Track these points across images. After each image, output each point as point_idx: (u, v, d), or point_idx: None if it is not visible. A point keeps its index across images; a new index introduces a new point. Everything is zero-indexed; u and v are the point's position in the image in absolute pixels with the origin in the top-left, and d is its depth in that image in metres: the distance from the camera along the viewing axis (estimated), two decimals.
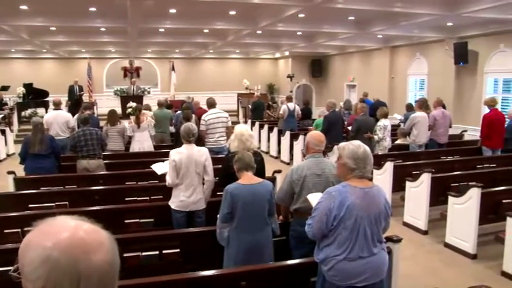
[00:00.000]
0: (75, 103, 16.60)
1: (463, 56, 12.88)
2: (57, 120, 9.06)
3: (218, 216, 3.96)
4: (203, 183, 5.03)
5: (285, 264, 3.67)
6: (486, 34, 12.35)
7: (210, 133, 8.08)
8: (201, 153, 4.98)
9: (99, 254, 1.00)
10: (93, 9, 10.45)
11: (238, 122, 17.55)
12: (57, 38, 14.55)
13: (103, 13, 11.07)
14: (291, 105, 12.31)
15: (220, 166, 5.19)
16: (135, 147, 8.93)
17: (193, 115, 9.38)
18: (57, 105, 9.45)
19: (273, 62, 24.60)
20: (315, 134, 4.23)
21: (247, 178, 3.90)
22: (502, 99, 11.86)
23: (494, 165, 8.24)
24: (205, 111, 8.53)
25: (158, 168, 5.55)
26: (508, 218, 5.21)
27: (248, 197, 3.79)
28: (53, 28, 13.06)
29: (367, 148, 3.25)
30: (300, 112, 12.69)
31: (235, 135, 4.79)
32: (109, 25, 11.97)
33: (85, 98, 19.19)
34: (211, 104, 8.43)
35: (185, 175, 4.86)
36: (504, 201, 6.05)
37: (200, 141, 8.10)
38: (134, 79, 20.59)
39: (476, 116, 11.90)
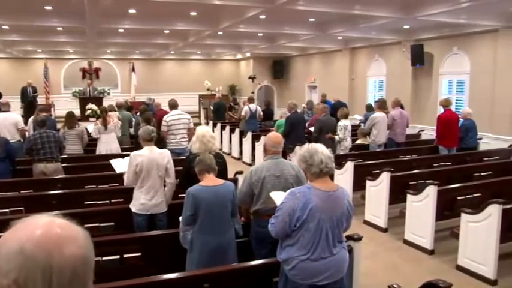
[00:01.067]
0: (28, 105, 16.07)
1: (419, 58, 13.27)
2: (6, 123, 8.45)
3: (180, 218, 3.93)
4: (164, 186, 4.99)
5: (248, 265, 3.68)
6: (440, 37, 12.78)
7: (171, 134, 8.02)
8: (163, 156, 4.94)
9: (72, 247, 1.00)
10: (49, 7, 10.15)
11: (200, 124, 17.46)
12: (11, 37, 14.04)
13: (59, 12, 10.77)
14: (253, 106, 12.34)
15: (181, 168, 5.15)
16: (101, 150, 8.72)
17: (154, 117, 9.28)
18: (5, 107, 8.78)
19: (235, 63, 24.60)
20: (272, 136, 4.26)
21: (209, 180, 3.89)
22: (456, 100, 12.28)
23: (450, 163, 8.52)
24: (167, 113, 8.45)
25: (117, 164, 5.45)
26: (463, 214, 5.42)
27: (211, 198, 3.77)
28: (6, 27, 12.60)
29: (313, 145, 3.28)
30: (261, 113, 12.74)
31: (196, 137, 4.77)
32: (66, 25, 11.65)
33: (42, 100, 18.64)
34: (173, 105, 8.36)
35: (146, 178, 4.81)
36: (459, 198, 6.26)
37: (161, 142, 8.04)
38: (90, 80, 20.14)
39: (432, 116, 12.25)
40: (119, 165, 5.41)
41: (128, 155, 5.12)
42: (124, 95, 19.90)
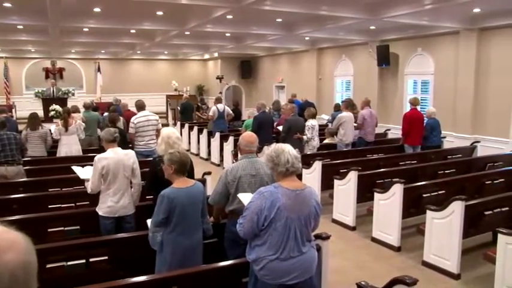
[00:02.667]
0: None
1: (385, 58, 13.53)
2: None
3: (150, 220, 3.88)
4: (131, 187, 4.93)
5: (217, 266, 3.67)
6: (405, 38, 13.06)
7: (139, 136, 7.91)
8: (129, 157, 4.89)
9: (11, 253, 0.98)
10: (8, 4, 9.80)
11: (168, 124, 17.33)
12: None
13: (20, 9, 10.45)
14: (221, 106, 12.32)
15: (148, 170, 5.09)
16: (61, 152, 8.52)
17: (121, 118, 9.14)
18: None
19: (202, 63, 24.51)
20: (246, 135, 4.27)
21: (183, 181, 3.86)
22: (421, 100, 12.50)
23: (415, 161, 8.72)
24: (134, 114, 8.34)
25: (80, 171, 5.34)
26: (428, 211, 5.55)
27: (185, 200, 3.75)
28: None
29: (279, 145, 3.31)
30: (230, 112, 12.74)
31: (161, 139, 4.74)
32: (27, 23, 11.31)
33: (2, 101, 18.09)
34: (140, 106, 8.24)
35: (113, 180, 4.74)
36: (424, 195, 6.41)
37: (129, 144, 7.93)
38: (53, 81, 19.68)
39: (398, 115, 12.47)
40: (82, 172, 5.29)
41: (95, 156, 5.01)
42: (89, 96, 19.58)
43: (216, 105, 12.29)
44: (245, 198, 3.57)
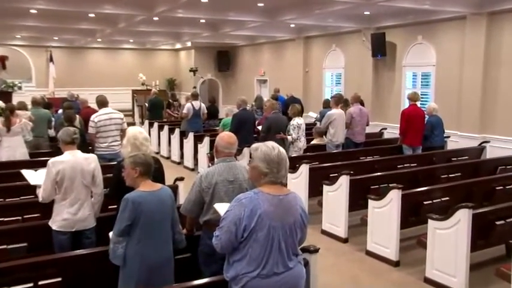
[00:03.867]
0: None
1: (380, 48, 13.63)
2: None
3: (111, 234, 3.82)
4: (91, 196, 4.85)
5: (191, 285, 3.62)
6: (404, 25, 13.17)
7: (101, 137, 7.81)
8: (89, 161, 4.81)
9: None
10: None
11: (134, 123, 17.19)
12: None
13: None
14: (197, 103, 12.27)
15: (111, 175, 5.02)
16: (2, 156, 8.32)
17: (78, 116, 9.01)
18: None
19: (174, 53, 24.40)
20: (225, 136, 4.26)
21: (149, 185, 3.84)
22: (421, 95, 12.52)
23: (415, 164, 8.78)
24: (95, 111, 8.23)
25: (31, 176, 5.22)
26: (430, 221, 5.57)
27: (154, 206, 3.72)
28: None
29: (283, 150, 3.31)
30: (206, 111, 12.69)
31: (127, 139, 4.69)
32: None
33: None
34: (102, 102, 8.14)
35: (69, 188, 4.65)
36: (425, 202, 6.43)
37: (89, 146, 7.82)
38: None
39: (395, 113, 12.54)
40: (34, 177, 5.17)
41: (45, 161, 4.91)
42: (40, 90, 19.13)
43: (192, 101, 12.23)
44: (222, 208, 3.54)
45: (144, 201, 3.69)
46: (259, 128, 9.71)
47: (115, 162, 5.55)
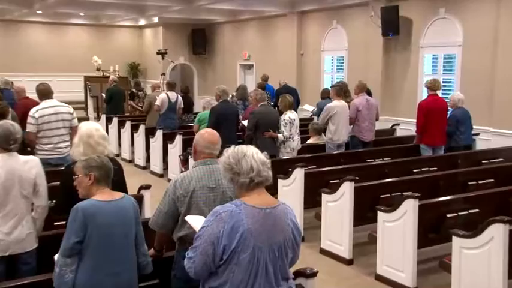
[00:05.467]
0: None
1: (392, 25, 13.60)
2: None
3: (56, 257, 3.77)
4: (32, 210, 4.81)
5: None
6: None
7: (44, 136, 7.72)
8: (29, 166, 4.77)
9: None
10: None
11: (87, 118, 17.08)
12: None
13: None
14: (173, 95, 12.27)
15: (58, 184, 5.00)
16: None
17: (11, 109, 8.88)
18: None
19: (137, 32, 24.34)
20: (206, 133, 4.29)
21: (107, 193, 3.82)
22: (443, 82, 12.41)
23: (435, 168, 8.78)
24: (35, 104, 8.14)
25: None
26: (454, 238, 5.55)
27: (111, 219, 3.70)
28: None
29: (241, 148, 3.30)
30: (182, 105, 12.68)
31: (79, 138, 4.70)
32: None
33: None
34: (44, 92, 8.04)
35: (3, 201, 4.60)
36: (449, 215, 6.43)
37: (27, 148, 7.73)
38: None
39: (411, 105, 12.58)
40: None
41: None
42: None
43: (167, 92, 12.21)
44: (196, 221, 3.53)
45: (99, 212, 3.66)
46: (245, 123, 9.69)
47: (63, 168, 5.51)
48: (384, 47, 14.26)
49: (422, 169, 8.72)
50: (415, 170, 8.65)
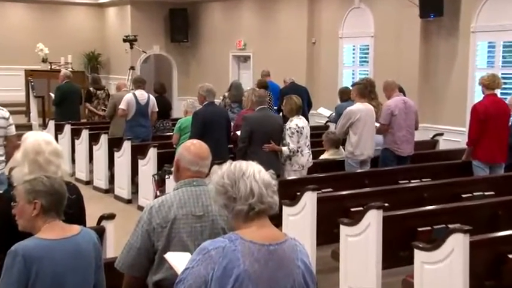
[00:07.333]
0: None
1: (434, 3, 13.68)
2: None
3: None
4: None
5: None
6: None
7: None
8: None
9: None
10: None
11: (30, 126, 17.11)
12: None
13: None
14: (142, 94, 12.28)
15: None
16: None
17: None
18: None
19: (97, 11, 24.46)
20: (192, 145, 4.29)
21: (59, 229, 3.80)
22: (503, 79, 11.86)
23: (492, 192, 8.78)
24: None
25: None
26: (416, 252, 5.80)
27: (62, 264, 3.69)
28: None
29: (240, 164, 3.25)
30: (156, 109, 12.70)
31: (24, 154, 4.66)
32: None
33: None
34: None
35: None
36: (511, 256, 6.42)
37: None
38: None
39: (458, 109, 12.68)
40: None
41: None
42: None
43: (135, 91, 12.27)
44: (178, 261, 3.54)
45: (46, 256, 3.64)
46: (238, 133, 9.71)
47: None
48: (422, 33, 14.32)
49: (475, 194, 8.72)
50: (464, 195, 8.65)
